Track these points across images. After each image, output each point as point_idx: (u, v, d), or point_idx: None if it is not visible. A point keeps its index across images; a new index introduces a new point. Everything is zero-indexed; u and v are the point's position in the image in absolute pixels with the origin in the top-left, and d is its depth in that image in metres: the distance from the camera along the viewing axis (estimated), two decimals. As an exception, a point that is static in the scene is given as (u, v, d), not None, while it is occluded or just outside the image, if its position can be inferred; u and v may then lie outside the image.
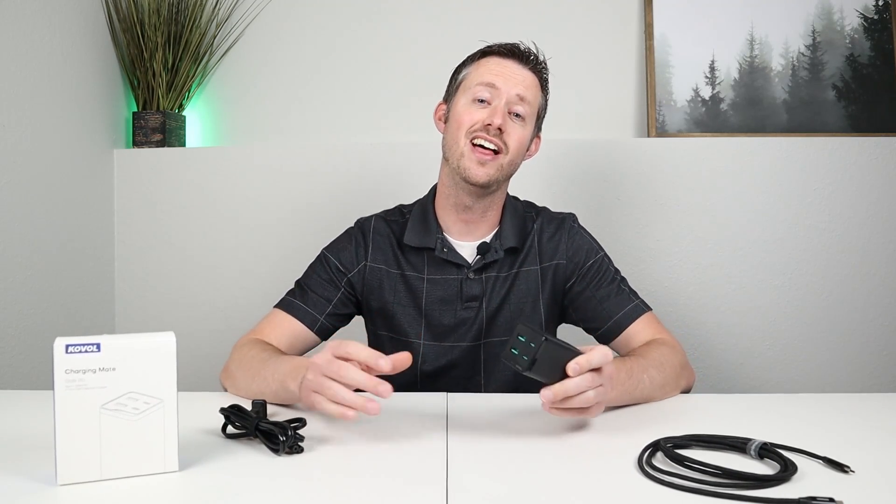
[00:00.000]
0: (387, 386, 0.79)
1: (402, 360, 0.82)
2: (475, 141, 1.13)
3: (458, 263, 1.19)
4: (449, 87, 1.23)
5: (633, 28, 1.96)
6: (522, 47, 1.18)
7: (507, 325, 1.20)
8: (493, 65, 1.16)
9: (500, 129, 1.12)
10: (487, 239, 1.21)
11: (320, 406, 0.83)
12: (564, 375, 0.81)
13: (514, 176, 1.20)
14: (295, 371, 0.93)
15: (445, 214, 1.22)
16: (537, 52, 1.19)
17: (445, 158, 1.19)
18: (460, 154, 1.14)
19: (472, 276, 1.19)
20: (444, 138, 1.20)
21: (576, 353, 0.82)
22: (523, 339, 0.78)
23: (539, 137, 1.24)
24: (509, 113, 1.14)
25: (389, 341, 1.22)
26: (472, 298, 1.19)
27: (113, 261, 1.92)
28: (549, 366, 0.80)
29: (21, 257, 1.56)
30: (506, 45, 1.18)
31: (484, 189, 1.15)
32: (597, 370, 0.83)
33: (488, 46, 1.19)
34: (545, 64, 1.20)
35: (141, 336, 0.72)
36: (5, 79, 1.51)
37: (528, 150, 1.21)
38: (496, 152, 1.13)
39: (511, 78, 1.15)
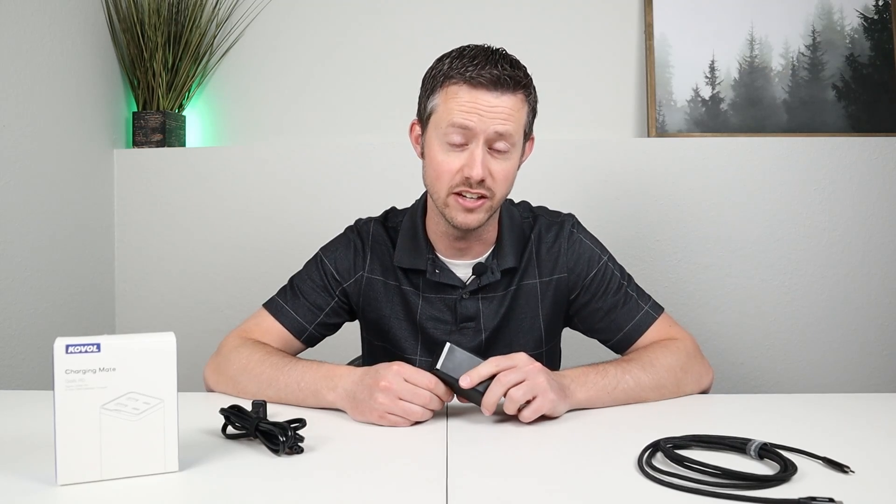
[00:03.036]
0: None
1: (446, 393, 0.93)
2: (459, 192, 1.04)
3: (452, 284, 1.14)
4: (419, 106, 1.09)
5: (633, 28, 1.96)
6: (494, 71, 0.99)
7: (506, 342, 1.16)
8: (463, 99, 1.00)
9: (481, 180, 1.01)
10: (483, 259, 1.14)
11: (395, 424, 0.90)
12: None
13: None
14: (328, 381, 0.96)
15: (437, 237, 1.14)
16: (512, 67, 1.01)
17: (433, 200, 1.09)
18: (444, 203, 1.05)
19: (466, 296, 1.14)
20: (424, 172, 1.10)
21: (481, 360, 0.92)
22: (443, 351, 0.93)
23: (532, 139, 1.12)
24: (490, 149, 1.02)
25: (385, 353, 1.19)
26: (467, 319, 1.14)
27: (113, 261, 1.92)
28: (464, 369, 0.91)
29: (21, 257, 1.56)
30: (474, 71, 0.99)
31: (475, 231, 1.09)
32: (509, 370, 0.89)
33: (453, 66, 1.01)
34: (524, 73, 1.03)
35: (141, 336, 0.72)
36: (5, 79, 1.51)
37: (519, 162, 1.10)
38: (482, 197, 1.04)
39: (486, 114, 0.99)
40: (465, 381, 0.89)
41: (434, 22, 1.98)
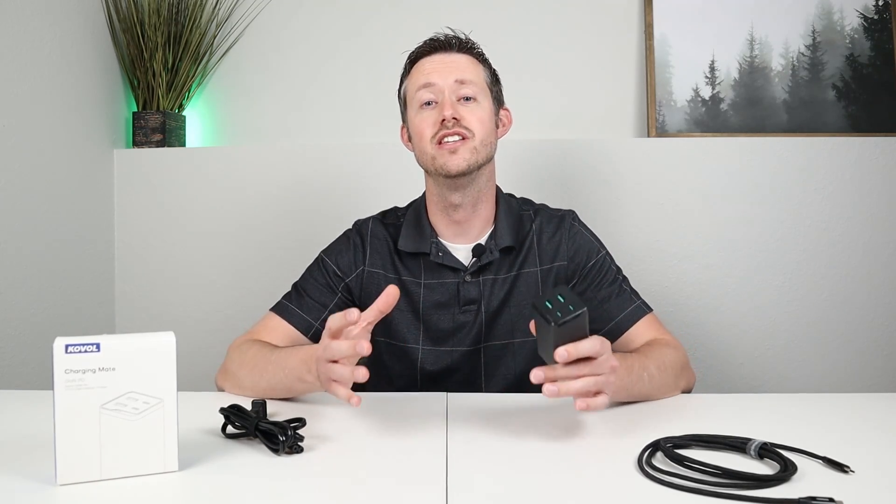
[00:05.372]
0: (363, 371, 0.84)
1: (392, 294, 0.87)
2: (440, 140, 1.14)
3: (454, 267, 1.18)
4: (400, 109, 1.24)
5: (633, 28, 1.96)
6: (441, 38, 1.19)
7: (507, 328, 1.19)
8: (423, 66, 1.18)
9: (454, 118, 1.12)
10: (482, 241, 1.20)
11: (335, 393, 0.86)
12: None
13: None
14: (306, 363, 0.96)
15: (437, 219, 1.21)
16: (456, 33, 1.19)
17: (425, 170, 1.19)
18: (432, 158, 1.14)
19: (468, 279, 1.18)
20: (415, 155, 1.20)
21: (587, 335, 0.83)
22: (562, 300, 0.80)
23: (507, 110, 1.23)
24: (458, 100, 1.14)
25: (387, 347, 1.21)
26: (469, 302, 1.18)
27: (113, 261, 1.92)
28: (570, 334, 0.80)
29: (21, 257, 1.56)
30: (424, 43, 1.19)
31: (467, 177, 1.14)
32: (589, 360, 0.83)
33: (412, 52, 1.21)
34: (471, 41, 1.20)
35: (141, 336, 0.72)
36: (5, 79, 1.51)
37: (499, 127, 1.20)
38: (463, 138, 1.13)
39: (443, 68, 1.15)
40: (562, 356, 0.80)
41: (434, 22, 1.96)
